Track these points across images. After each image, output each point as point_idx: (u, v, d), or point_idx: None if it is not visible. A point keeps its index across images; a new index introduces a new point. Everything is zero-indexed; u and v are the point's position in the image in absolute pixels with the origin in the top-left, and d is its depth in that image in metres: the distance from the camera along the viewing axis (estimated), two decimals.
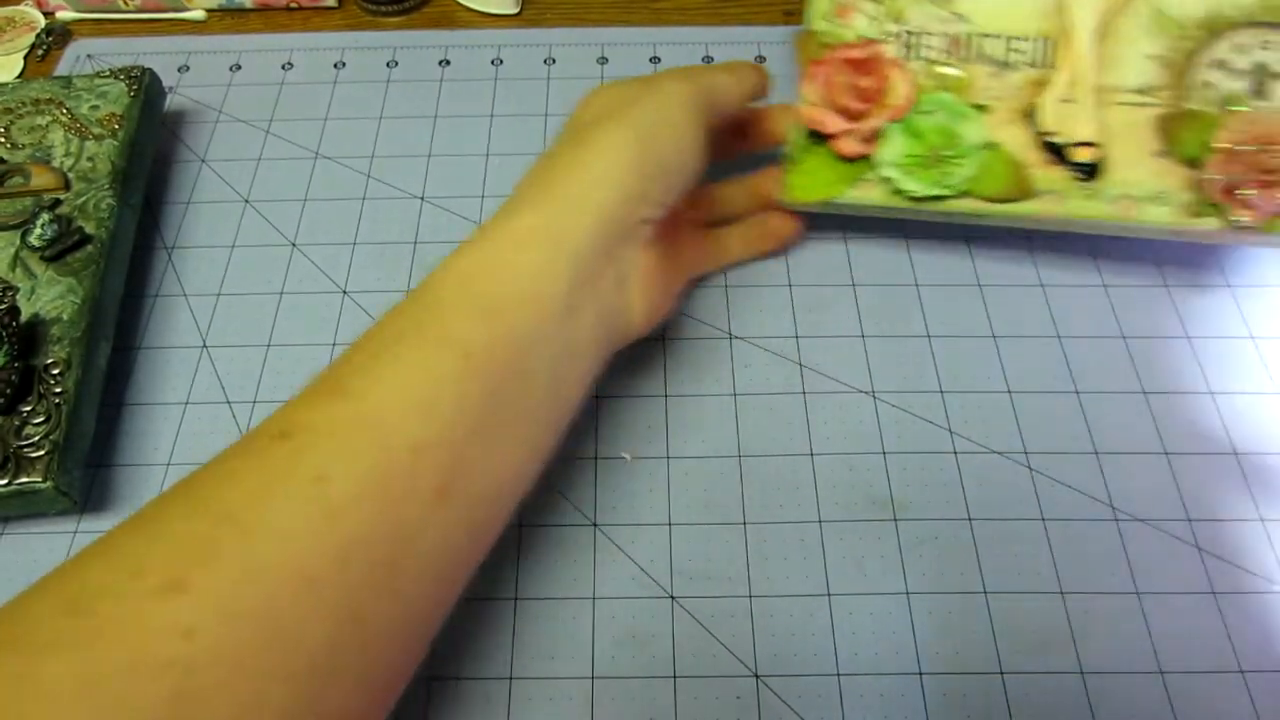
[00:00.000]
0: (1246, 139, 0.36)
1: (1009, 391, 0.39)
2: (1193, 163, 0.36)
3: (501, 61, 0.52)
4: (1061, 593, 0.34)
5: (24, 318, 0.36)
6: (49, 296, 0.37)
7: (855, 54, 0.38)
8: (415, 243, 0.44)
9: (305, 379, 0.40)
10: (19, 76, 0.51)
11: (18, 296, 0.37)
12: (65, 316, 0.37)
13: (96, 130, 0.43)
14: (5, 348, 0.35)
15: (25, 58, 0.52)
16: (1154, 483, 0.37)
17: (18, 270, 0.38)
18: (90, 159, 0.42)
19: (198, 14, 0.54)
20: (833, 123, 0.38)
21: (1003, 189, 0.38)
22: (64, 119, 0.43)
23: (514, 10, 0.54)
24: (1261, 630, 0.33)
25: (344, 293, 0.42)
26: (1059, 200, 0.37)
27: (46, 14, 0.53)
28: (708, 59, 0.52)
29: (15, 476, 0.33)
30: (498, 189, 0.46)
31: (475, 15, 0.55)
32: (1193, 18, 0.37)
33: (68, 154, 0.42)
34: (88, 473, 0.36)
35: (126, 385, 0.40)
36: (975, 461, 0.37)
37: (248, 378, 0.40)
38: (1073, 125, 0.37)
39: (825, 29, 0.39)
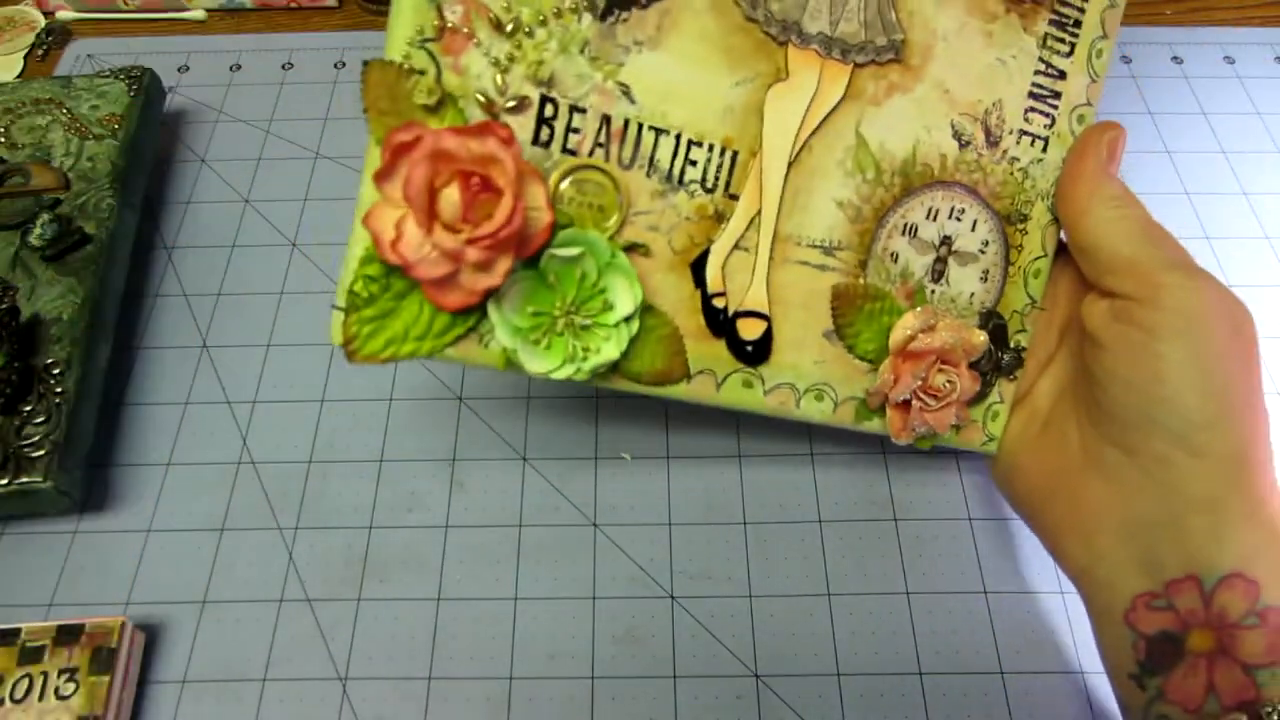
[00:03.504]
0: (920, 347, 0.29)
1: None
2: (863, 356, 0.30)
3: None
4: (1061, 593, 0.34)
5: (24, 317, 0.36)
6: (49, 296, 0.37)
7: (470, 146, 0.24)
8: None
9: (305, 380, 0.41)
10: (19, 76, 0.51)
11: (18, 296, 0.37)
12: (65, 316, 0.37)
13: (96, 130, 0.43)
14: (5, 347, 0.35)
15: (25, 57, 0.52)
16: None
17: (18, 270, 0.38)
18: (90, 159, 0.42)
19: (198, 14, 0.54)
20: (424, 269, 0.24)
21: (651, 371, 0.28)
22: (64, 119, 0.43)
23: None
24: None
25: None
26: (712, 385, 0.29)
27: (46, 14, 0.53)
28: None
29: (15, 476, 0.33)
30: None
31: None
32: (892, 159, 0.29)
33: (68, 154, 0.42)
34: (88, 473, 0.36)
35: (126, 385, 0.40)
36: (975, 461, 0.37)
37: (248, 378, 0.40)
38: (743, 286, 0.28)
39: (421, 64, 0.24)
